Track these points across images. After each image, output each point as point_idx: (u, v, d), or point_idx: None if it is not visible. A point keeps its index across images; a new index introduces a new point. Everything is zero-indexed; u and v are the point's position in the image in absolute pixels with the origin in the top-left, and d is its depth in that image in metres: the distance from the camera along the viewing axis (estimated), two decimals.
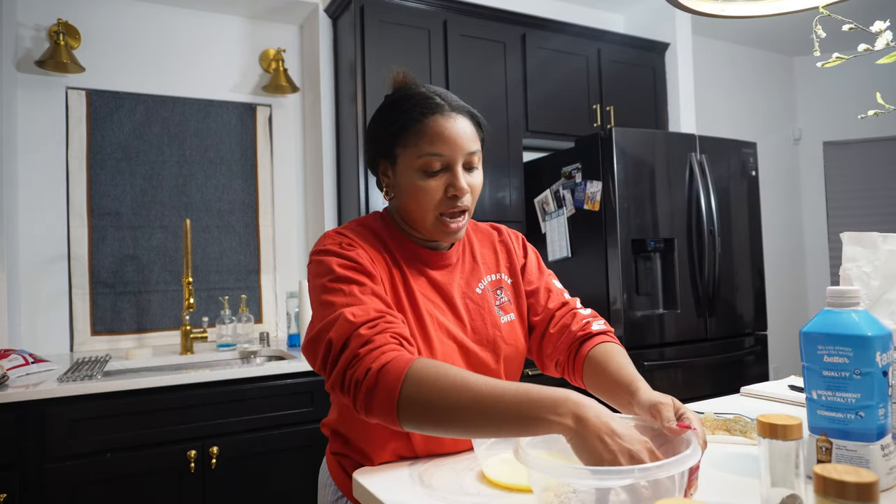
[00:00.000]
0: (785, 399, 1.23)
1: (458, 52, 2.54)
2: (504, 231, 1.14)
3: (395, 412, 0.73)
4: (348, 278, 0.87)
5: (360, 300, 0.84)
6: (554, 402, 0.67)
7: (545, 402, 0.68)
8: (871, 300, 0.89)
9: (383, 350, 0.77)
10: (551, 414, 0.67)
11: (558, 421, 0.66)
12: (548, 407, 0.67)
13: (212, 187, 2.60)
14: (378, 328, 0.80)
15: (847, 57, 1.03)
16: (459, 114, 0.93)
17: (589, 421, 0.65)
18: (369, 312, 0.81)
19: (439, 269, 1.01)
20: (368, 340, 0.78)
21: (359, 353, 0.77)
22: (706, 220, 2.54)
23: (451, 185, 0.92)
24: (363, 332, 0.78)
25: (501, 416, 0.69)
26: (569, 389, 0.70)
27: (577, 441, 0.65)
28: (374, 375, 0.74)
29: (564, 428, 0.66)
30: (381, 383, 0.74)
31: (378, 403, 0.74)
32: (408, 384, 0.73)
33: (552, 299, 1.08)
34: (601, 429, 0.65)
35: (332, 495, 1.00)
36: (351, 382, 0.77)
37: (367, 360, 0.76)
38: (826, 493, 0.45)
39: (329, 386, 0.80)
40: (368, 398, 0.74)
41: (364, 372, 0.75)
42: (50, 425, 1.65)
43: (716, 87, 3.90)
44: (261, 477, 1.92)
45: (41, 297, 2.28)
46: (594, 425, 0.65)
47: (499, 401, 0.70)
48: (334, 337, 0.80)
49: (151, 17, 2.52)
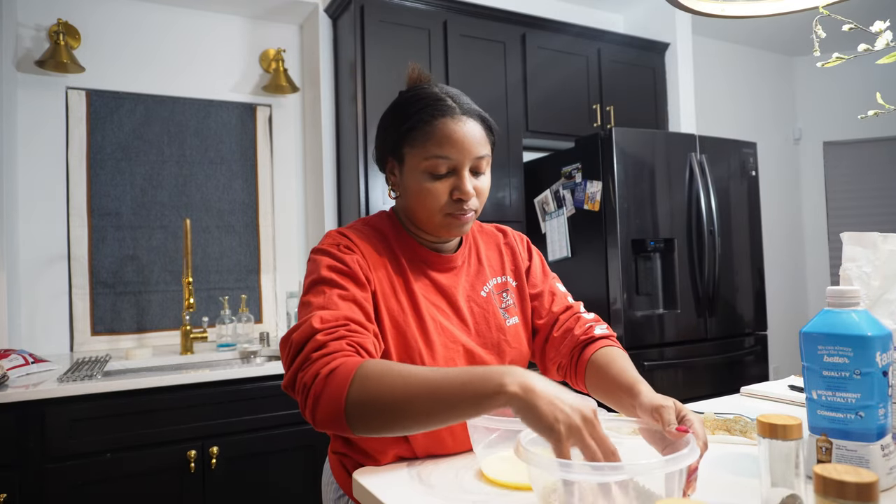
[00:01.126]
0: (785, 399, 1.23)
1: (458, 52, 2.54)
2: (509, 233, 1.14)
3: (343, 416, 0.72)
4: (332, 281, 0.87)
5: (335, 305, 0.83)
6: (499, 373, 0.67)
7: (490, 375, 0.68)
8: (871, 300, 0.89)
9: (335, 356, 0.76)
10: (498, 386, 0.66)
11: (506, 391, 0.66)
12: (493, 379, 0.67)
13: (212, 187, 2.60)
14: (336, 334, 0.79)
15: (847, 57, 1.03)
16: (470, 117, 0.93)
17: (536, 387, 0.65)
18: (338, 318, 0.81)
19: (444, 271, 1.01)
20: (322, 345, 0.77)
21: (311, 357, 0.76)
22: (706, 220, 2.54)
23: (457, 188, 0.92)
24: (319, 338, 0.78)
25: (450, 398, 0.69)
26: (512, 366, 0.70)
27: (528, 408, 0.64)
28: (321, 381, 0.73)
29: (512, 396, 0.65)
30: (327, 389, 0.73)
31: (324, 409, 0.72)
32: (354, 386, 0.72)
33: (556, 303, 1.08)
34: (549, 392, 0.65)
35: (333, 493, 1.01)
36: (300, 385, 0.76)
37: (317, 364, 0.75)
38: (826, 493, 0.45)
39: (283, 386, 0.80)
40: (315, 404, 0.73)
41: (312, 377, 0.74)
42: (50, 425, 1.65)
43: (716, 87, 3.90)
44: (261, 477, 1.92)
45: (41, 297, 2.28)
46: (541, 390, 0.65)
47: (445, 383, 0.70)
48: (295, 339, 0.80)
49: (151, 16, 2.52)
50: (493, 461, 0.86)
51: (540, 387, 0.65)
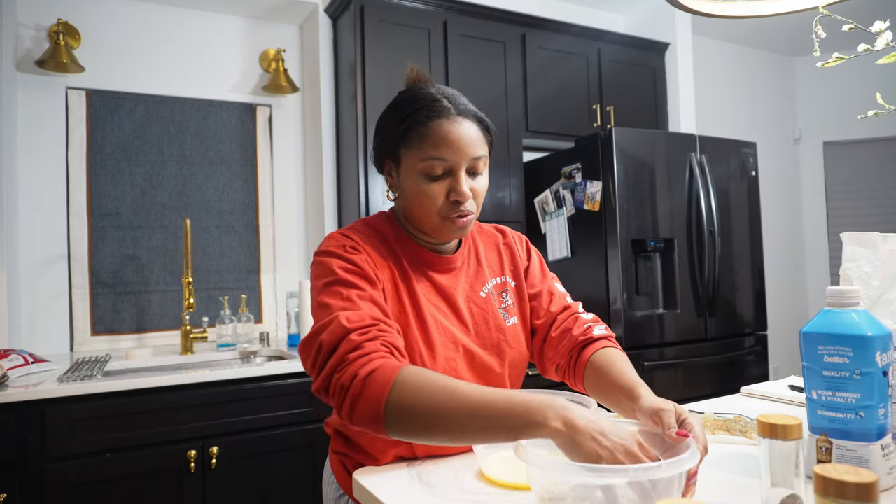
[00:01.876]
0: (785, 399, 1.23)
1: (458, 52, 2.54)
2: (508, 233, 1.14)
3: (382, 419, 0.72)
4: (348, 282, 0.86)
5: (356, 305, 0.83)
6: (543, 406, 0.68)
7: (534, 406, 0.68)
8: (871, 300, 0.89)
9: (372, 357, 0.76)
10: (541, 418, 0.67)
11: (549, 424, 0.66)
12: (537, 411, 0.68)
13: (212, 187, 2.60)
14: (370, 335, 0.79)
15: (847, 57, 1.03)
16: (466, 118, 0.92)
17: (579, 423, 0.66)
18: (364, 319, 0.81)
19: (444, 272, 1.01)
20: (358, 346, 0.77)
21: (347, 358, 0.76)
22: (706, 220, 2.54)
23: (453, 189, 0.91)
24: (354, 338, 0.78)
25: (490, 421, 0.69)
26: (552, 395, 0.71)
27: (571, 444, 0.65)
28: (360, 382, 0.74)
29: (554, 431, 0.66)
30: (367, 390, 0.73)
31: (363, 411, 0.73)
32: (395, 391, 0.72)
33: (554, 303, 1.08)
34: (593, 428, 0.66)
35: (334, 493, 1.01)
36: (336, 387, 0.76)
37: (354, 365, 0.75)
38: (826, 493, 0.45)
39: (315, 388, 0.80)
40: (353, 405, 0.74)
41: (350, 378, 0.74)
42: (50, 425, 1.65)
43: (716, 87, 3.90)
44: (261, 477, 1.92)
45: (41, 297, 2.28)
46: (585, 426, 0.66)
47: (487, 405, 0.70)
48: (325, 340, 0.79)
49: (151, 16, 2.52)
50: (492, 461, 0.86)
51: (582, 423, 0.66)
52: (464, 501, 0.77)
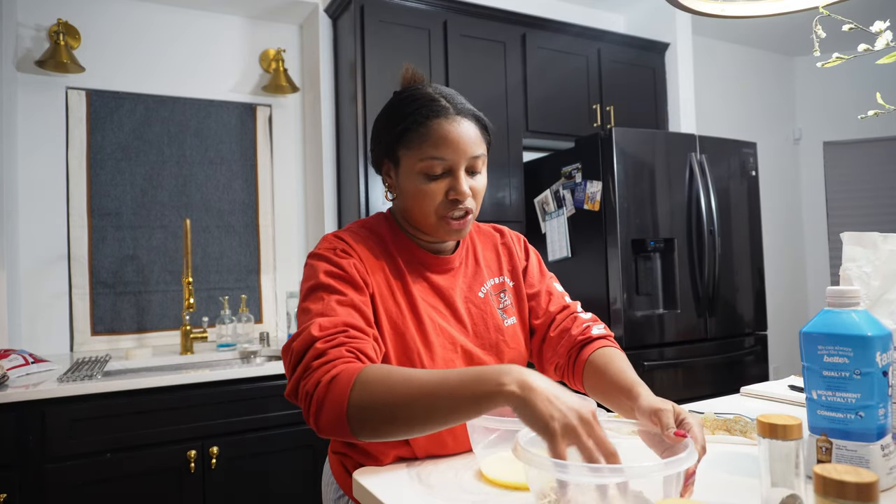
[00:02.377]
0: (785, 399, 1.23)
1: (458, 52, 2.54)
2: (506, 233, 1.14)
3: (346, 423, 0.72)
4: (330, 287, 0.86)
5: (334, 311, 0.83)
6: (498, 372, 0.67)
7: (489, 373, 0.68)
8: (871, 300, 0.89)
9: (335, 364, 0.76)
10: (495, 384, 0.66)
11: (504, 390, 0.66)
12: (492, 378, 0.67)
13: (212, 187, 2.60)
14: (335, 342, 0.79)
15: (847, 57, 1.03)
16: (464, 117, 0.92)
17: (534, 385, 0.65)
18: (336, 325, 0.81)
19: (441, 273, 1.00)
20: (322, 353, 0.77)
21: (311, 366, 0.77)
22: (706, 220, 2.54)
23: (453, 189, 0.91)
24: (319, 346, 0.78)
25: (450, 398, 0.69)
26: (516, 366, 0.70)
27: (525, 406, 0.64)
28: (323, 388, 0.74)
29: (510, 394, 0.65)
30: (329, 395, 0.73)
31: (327, 416, 0.73)
32: (355, 392, 0.72)
33: (553, 302, 1.08)
34: (547, 390, 0.65)
35: (333, 493, 1.01)
36: (302, 394, 0.76)
37: (318, 373, 0.75)
38: (826, 493, 0.45)
39: (286, 394, 0.80)
40: (318, 411, 0.74)
41: (314, 385, 0.75)
42: (50, 425, 1.65)
43: (716, 87, 3.90)
44: (261, 477, 1.92)
45: (41, 297, 2.28)
46: (540, 388, 0.65)
47: (444, 384, 0.70)
48: (295, 347, 0.80)
49: (151, 17, 2.52)
50: (492, 461, 0.86)
51: (538, 385, 0.65)
52: (463, 501, 0.77)
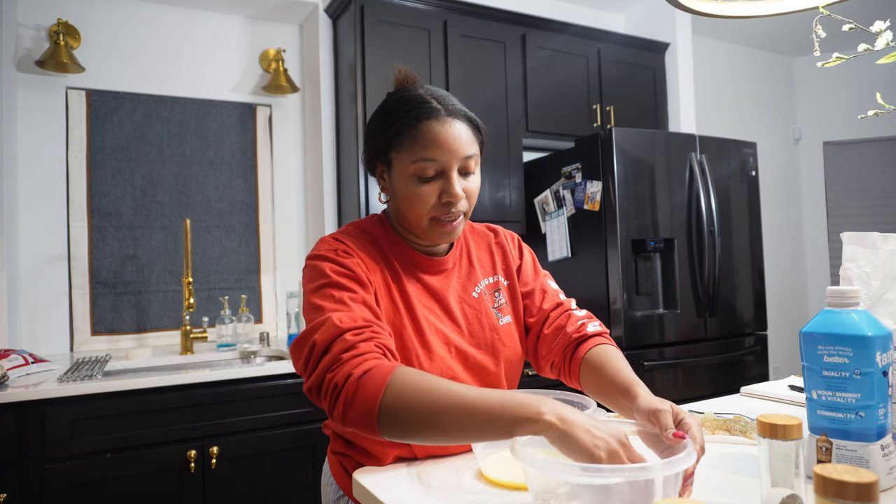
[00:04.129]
0: (785, 399, 1.23)
1: (458, 52, 2.54)
2: (500, 232, 1.14)
3: (375, 420, 0.72)
4: (340, 284, 0.86)
5: (349, 307, 0.83)
6: (537, 402, 0.69)
7: (528, 402, 0.69)
8: (871, 300, 0.89)
9: (366, 357, 0.76)
10: (535, 413, 0.68)
11: (543, 419, 0.67)
12: (531, 406, 0.68)
13: (212, 187, 2.60)
14: (364, 336, 0.79)
15: (847, 57, 1.03)
16: (456, 118, 0.92)
17: (572, 418, 0.67)
18: (357, 320, 0.81)
19: (435, 274, 1.01)
20: (353, 346, 0.77)
21: (341, 358, 0.76)
22: (706, 220, 2.54)
23: (445, 191, 0.91)
24: (348, 338, 0.77)
25: (485, 416, 0.70)
26: (545, 394, 0.72)
27: (565, 437, 0.66)
28: (354, 382, 0.73)
29: (549, 425, 0.67)
30: (361, 391, 0.73)
31: (356, 411, 0.73)
32: (389, 392, 0.72)
33: (547, 300, 1.08)
34: (586, 423, 0.67)
35: (333, 494, 1.01)
36: (329, 386, 0.75)
37: (348, 365, 0.75)
38: (826, 493, 0.45)
39: (307, 388, 0.79)
40: (347, 405, 0.73)
41: (345, 378, 0.74)
42: (50, 425, 1.65)
43: (716, 87, 3.90)
44: (261, 477, 1.92)
45: (41, 297, 2.28)
46: (579, 421, 0.67)
47: (482, 401, 0.70)
48: (319, 339, 0.79)
49: (151, 17, 2.52)
50: (492, 461, 0.86)
51: (576, 418, 0.67)
52: (463, 501, 0.77)
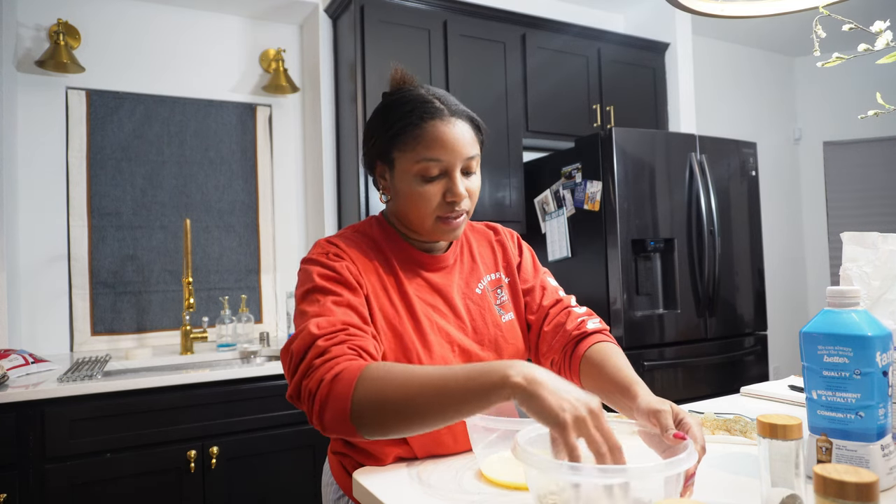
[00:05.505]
0: (785, 399, 1.23)
1: (458, 52, 2.54)
2: (500, 230, 1.14)
3: (349, 420, 0.72)
4: (325, 289, 0.87)
5: (330, 311, 0.83)
6: (503, 366, 0.67)
7: (494, 367, 0.68)
8: (871, 300, 0.89)
9: (338, 361, 0.76)
10: (502, 377, 0.66)
11: (510, 381, 0.65)
12: (497, 371, 0.67)
13: (212, 187, 2.60)
14: (336, 339, 0.79)
15: (847, 57, 1.03)
16: (458, 118, 0.92)
17: (540, 378, 0.65)
18: (334, 324, 0.81)
19: (436, 271, 1.01)
20: (325, 351, 0.77)
21: (314, 364, 0.76)
22: (706, 220, 2.54)
23: (449, 190, 0.91)
24: (320, 344, 0.78)
25: (455, 393, 0.69)
26: (516, 359, 0.70)
27: (533, 398, 0.64)
28: (326, 386, 0.73)
29: (516, 386, 0.65)
30: (332, 393, 0.73)
31: (331, 414, 0.73)
32: (359, 389, 0.72)
33: (546, 297, 1.08)
34: (554, 384, 0.65)
35: (333, 494, 1.01)
36: (305, 394, 0.76)
37: (321, 370, 0.75)
38: (826, 493, 0.45)
39: (288, 396, 0.80)
40: (322, 409, 0.73)
41: (317, 383, 0.74)
42: (50, 425, 1.65)
43: (716, 87, 3.90)
44: (261, 477, 1.92)
45: (41, 297, 2.28)
46: (546, 381, 0.65)
47: (450, 378, 0.70)
48: (295, 348, 0.80)
49: (151, 17, 2.52)
50: (492, 461, 0.86)
51: (545, 378, 0.65)
52: (463, 501, 0.77)
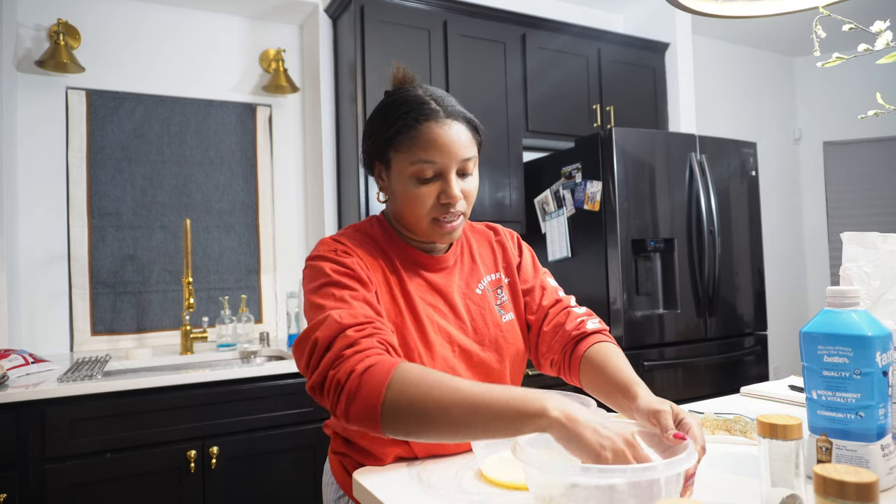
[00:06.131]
0: (785, 399, 1.23)
1: (458, 52, 2.54)
2: (500, 230, 1.14)
3: (379, 416, 0.71)
4: (341, 283, 0.86)
5: (349, 304, 0.83)
6: (542, 398, 0.68)
7: (534, 398, 0.68)
8: (871, 300, 0.89)
9: (368, 353, 0.75)
10: (540, 408, 0.67)
11: (548, 415, 0.66)
12: (536, 402, 0.67)
13: (212, 187, 2.60)
14: (366, 332, 0.78)
15: (847, 57, 1.03)
16: (455, 120, 0.92)
17: (578, 416, 0.66)
18: (358, 316, 0.80)
19: (437, 271, 1.01)
20: (354, 342, 0.76)
21: (343, 355, 0.75)
22: (706, 220, 2.54)
23: (444, 192, 0.91)
24: (350, 334, 0.77)
25: (490, 414, 0.69)
26: (549, 391, 0.70)
27: (571, 436, 0.65)
28: (356, 378, 0.73)
29: (554, 421, 0.66)
30: (363, 387, 0.72)
31: (359, 408, 0.72)
32: (392, 388, 0.71)
33: (546, 297, 1.08)
34: (592, 421, 0.66)
35: (333, 494, 1.01)
36: (332, 383, 0.75)
37: (350, 361, 0.74)
38: (826, 493, 0.45)
39: (310, 386, 0.78)
40: (349, 402, 0.72)
41: (347, 374, 0.73)
42: (50, 425, 1.65)
43: (716, 87, 3.90)
44: (261, 477, 1.92)
45: (41, 297, 2.28)
46: (584, 419, 0.66)
47: (486, 397, 0.70)
48: (321, 336, 0.78)
49: (151, 16, 2.52)
50: (492, 461, 0.86)
51: (582, 416, 0.66)
52: (463, 501, 0.77)
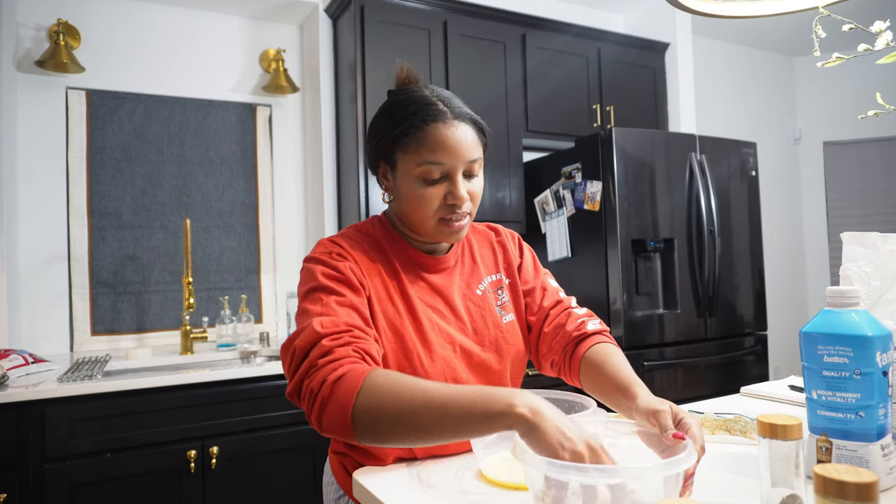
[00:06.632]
0: (785, 399, 1.23)
1: (458, 52, 2.54)
2: (501, 231, 1.14)
3: (350, 423, 0.72)
4: (329, 288, 0.86)
5: (334, 311, 0.83)
6: (509, 394, 0.68)
7: (501, 395, 0.68)
8: (871, 300, 0.89)
9: (342, 363, 0.75)
10: (506, 405, 0.67)
11: (515, 411, 0.66)
12: (503, 399, 0.68)
13: (212, 187, 2.60)
14: (341, 341, 0.78)
15: (847, 57, 1.03)
16: (462, 121, 0.92)
17: (544, 412, 0.66)
18: (338, 325, 0.81)
19: (437, 272, 1.01)
20: (329, 351, 0.77)
21: (317, 364, 0.76)
22: (706, 220, 2.54)
23: (451, 193, 0.91)
24: (325, 343, 0.78)
25: (459, 413, 0.69)
26: (527, 390, 0.71)
27: (534, 431, 0.65)
28: (329, 387, 0.73)
29: (520, 417, 0.66)
30: (335, 395, 0.73)
31: (331, 416, 0.73)
32: (362, 395, 0.72)
33: (546, 298, 1.08)
34: (557, 419, 0.66)
35: (333, 493, 1.01)
36: (306, 392, 0.76)
37: (324, 371, 0.75)
38: (826, 493, 0.45)
39: (287, 393, 0.79)
40: (321, 410, 0.73)
41: (319, 383, 0.74)
42: (50, 425, 1.65)
43: (716, 87, 3.90)
44: (261, 477, 1.92)
45: (41, 297, 2.28)
46: (549, 416, 0.66)
47: (455, 398, 0.70)
48: (298, 345, 0.79)
49: (151, 16, 2.52)
50: (492, 461, 0.86)
51: (548, 412, 0.66)
52: (463, 501, 0.77)
